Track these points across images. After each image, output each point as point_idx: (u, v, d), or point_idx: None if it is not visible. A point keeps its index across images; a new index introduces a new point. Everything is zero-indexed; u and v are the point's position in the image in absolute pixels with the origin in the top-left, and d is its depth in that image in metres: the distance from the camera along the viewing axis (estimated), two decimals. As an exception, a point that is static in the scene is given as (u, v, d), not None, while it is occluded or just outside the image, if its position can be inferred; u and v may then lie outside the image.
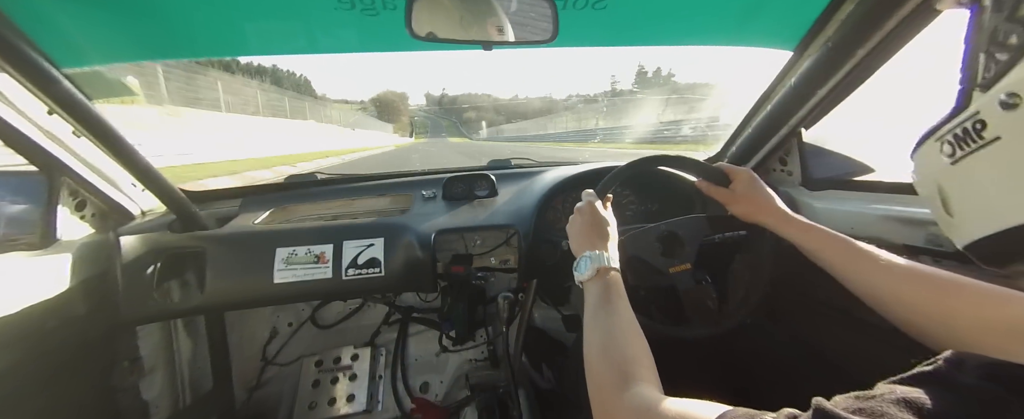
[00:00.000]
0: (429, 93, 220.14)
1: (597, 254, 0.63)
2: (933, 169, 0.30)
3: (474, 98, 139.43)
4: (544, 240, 1.04)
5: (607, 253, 0.63)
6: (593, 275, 0.61)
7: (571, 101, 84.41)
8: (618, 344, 0.50)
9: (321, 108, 29.87)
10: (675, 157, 0.80)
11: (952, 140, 0.27)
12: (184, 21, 0.77)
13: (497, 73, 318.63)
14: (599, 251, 0.63)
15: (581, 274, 0.63)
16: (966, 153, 0.26)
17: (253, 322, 1.41)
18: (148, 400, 1.03)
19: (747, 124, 1.13)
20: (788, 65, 0.95)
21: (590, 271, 0.61)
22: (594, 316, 0.56)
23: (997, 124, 0.24)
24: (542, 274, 1.05)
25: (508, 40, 0.80)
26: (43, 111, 0.74)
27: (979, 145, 0.25)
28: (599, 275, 0.61)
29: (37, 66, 0.66)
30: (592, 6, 0.81)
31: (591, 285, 0.61)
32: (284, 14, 0.80)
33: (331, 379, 1.38)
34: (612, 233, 0.69)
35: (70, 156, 0.81)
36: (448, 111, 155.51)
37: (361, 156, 18.08)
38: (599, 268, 0.61)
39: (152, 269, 0.91)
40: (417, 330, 1.48)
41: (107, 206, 0.93)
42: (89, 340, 0.89)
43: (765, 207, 0.72)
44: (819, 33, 0.84)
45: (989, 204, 0.26)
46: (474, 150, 23.40)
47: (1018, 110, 0.23)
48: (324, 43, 0.89)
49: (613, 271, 0.61)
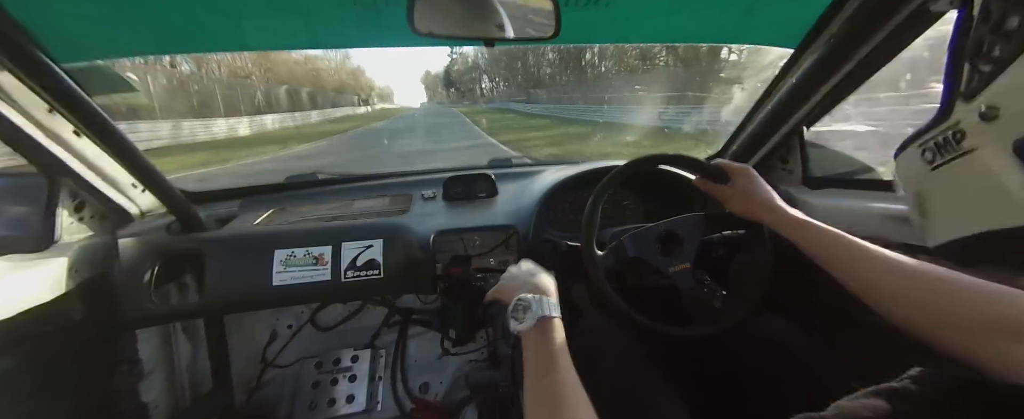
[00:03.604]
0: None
1: (537, 299, 0.56)
2: (914, 173, 0.31)
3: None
4: (544, 240, 1.03)
5: (549, 298, 0.57)
6: (533, 325, 0.54)
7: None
8: (564, 408, 0.45)
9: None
10: (673, 156, 0.79)
11: (933, 147, 0.28)
12: (184, 16, 0.77)
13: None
14: (540, 296, 0.57)
15: (520, 324, 0.55)
16: (945, 161, 0.27)
17: (253, 324, 1.40)
18: (147, 402, 1.03)
19: (748, 122, 1.13)
20: (789, 63, 0.95)
21: (531, 321, 0.54)
22: (536, 379, 0.49)
23: (975, 135, 0.25)
24: None
25: (510, 37, 0.79)
26: (43, 110, 0.74)
27: (957, 154, 0.27)
28: (540, 327, 0.54)
29: (37, 62, 0.66)
30: (595, 3, 0.81)
31: (531, 337, 0.53)
32: (285, 9, 0.79)
33: (331, 380, 1.38)
34: (551, 283, 0.63)
35: (70, 156, 0.80)
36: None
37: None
38: (541, 317, 0.54)
39: (151, 271, 0.90)
40: (417, 332, 1.48)
41: (106, 207, 0.92)
42: (88, 343, 0.88)
43: (763, 204, 0.71)
44: (821, 32, 0.84)
45: (962, 210, 0.27)
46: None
47: (996, 122, 0.24)
48: (325, 38, 0.89)
49: (556, 320, 0.55)
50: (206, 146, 12.76)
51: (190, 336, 1.19)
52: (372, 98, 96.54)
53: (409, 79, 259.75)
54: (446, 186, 1.21)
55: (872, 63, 0.80)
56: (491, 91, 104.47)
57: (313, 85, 59.47)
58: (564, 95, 30.83)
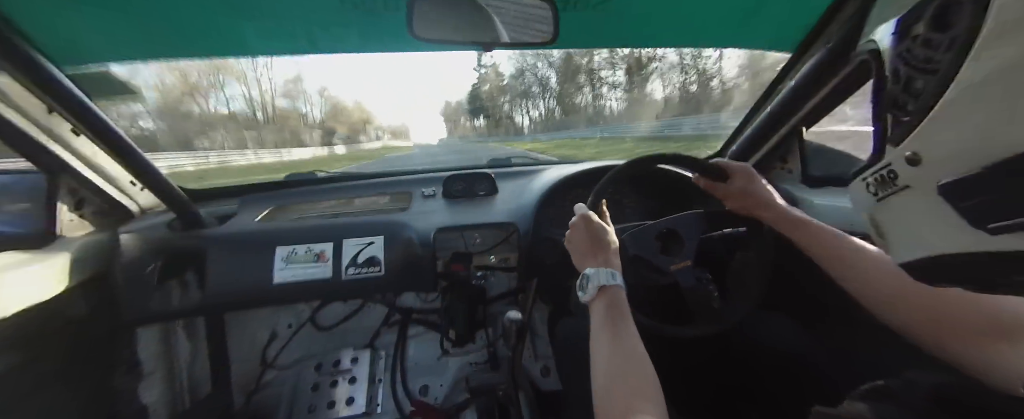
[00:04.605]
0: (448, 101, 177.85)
1: (599, 272, 0.60)
2: (863, 203, 0.34)
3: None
4: (544, 238, 1.04)
5: (610, 268, 0.61)
6: (595, 294, 0.59)
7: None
8: (622, 376, 0.49)
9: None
10: (672, 155, 0.80)
11: (874, 182, 0.31)
12: (184, 20, 0.77)
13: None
14: (601, 268, 0.61)
15: (584, 294, 0.60)
16: (887, 194, 0.30)
17: (253, 324, 1.40)
18: (147, 404, 1.02)
19: (748, 123, 1.13)
20: (788, 66, 0.96)
21: (593, 291, 0.59)
22: (597, 341, 0.54)
23: (905, 177, 0.28)
24: (542, 273, 1.05)
25: (508, 41, 0.80)
26: (42, 110, 0.74)
27: (895, 190, 0.29)
28: (602, 295, 0.58)
29: (37, 65, 0.66)
30: (593, 7, 0.82)
31: (594, 306, 0.59)
32: (285, 14, 0.80)
33: (330, 382, 1.37)
34: (612, 241, 0.67)
35: (69, 154, 0.81)
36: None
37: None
38: (602, 286, 0.59)
39: (152, 268, 0.90)
40: (417, 332, 1.48)
41: (107, 205, 0.92)
42: (88, 341, 0.88)
43: (761, 201, 0.72)
44: (819, 35, 0.84)
45: (909, 235, 0.30)
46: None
47: (921, 166, 0.26)
48: (324, 43, 0.89)
49: (616, 288, 0.59)
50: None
51: (190, 336, 1.18)
52: (380, 134, 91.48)
53: (429, 112, 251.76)
54: (446, 184, 1.21)
55: (869, 65, 0.81)
56: (532, 117, 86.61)
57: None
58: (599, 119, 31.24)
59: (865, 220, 0.35)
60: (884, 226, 0.33)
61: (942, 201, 0.25)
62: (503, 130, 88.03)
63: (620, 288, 0.60)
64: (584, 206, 0.72)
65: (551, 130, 51.50)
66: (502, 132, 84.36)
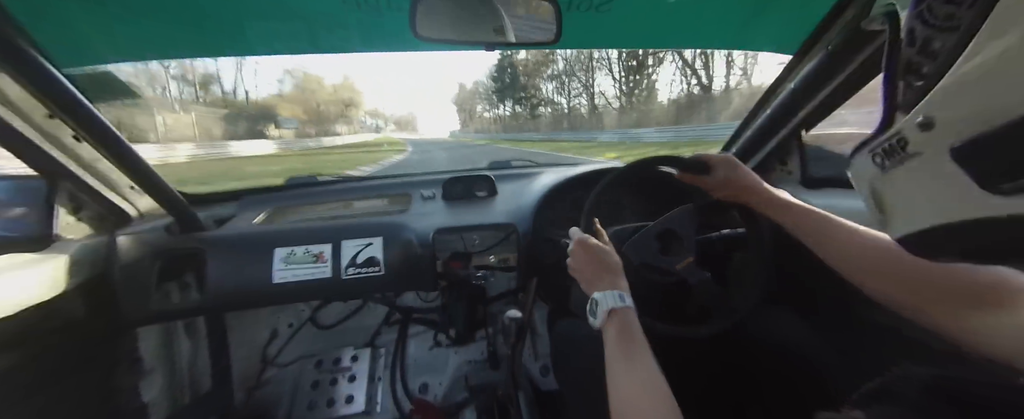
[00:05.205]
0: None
1: (607, 295, 0.59)
2: (867, 175, 0.34)
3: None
4: (543, 239, 1.04)
5: (617, 290, 0.60)
6: (606, 319, 0.57)
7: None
8: (637, 401, 0.48)
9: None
10: (652, 159, 0.80)
11: (882, 153, 0.31)
12: (186, 21, 0.77)
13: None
14: (608, 290, 0.60)
15: (595, 320, 0.59)
16: (894, 165, 0.30)
17: (253, 323, 1.40)
18: (147, 401, 1.03)
19: (748, 125, 1.14)
20: (788, 69, 0.96)
21: (602, 315, 0.58)
22: (613, 369, 0.53)
23: (916, 142, 0.28)
24: (541, 273, 1.05)
25: (511, 41, 0.80)
26: (42, 114, 0.74)
27: (904, 158, 0.29)
28: (613, 319, 0.57)
29: (37, 66, 0.66)
30: (596, 8, 0.82)
31: (606, 332, 0.57)
32: (287, 13, 0.80)
33: (330, 380, 1.38)
34: (614, 261, 0.66)
35: (68, 159, 0.80)
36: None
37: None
38: (611, 309, 0.57)
39: (151, 271, 0.90)
40: (417, 331, 1.48)
41: (105, 209, 0.92)
42: (88, 342, 0.88)
43: (747, 187, 0.72)
44: (820, 39, 0.84)
45: (915, 206, 0.30)
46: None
47: (934, 130, 0.26)
48: (327, 43, 0.89)
49: (626, 310, 0.58)
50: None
51: (191, 335, 1.19)
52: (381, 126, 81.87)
53: (441, 101, 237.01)
54: (446, 186, 1.21)
55: (869, 70, 0.81)
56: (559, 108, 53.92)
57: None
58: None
59: (865, 194, 0.35)
60: (887, 197, 0.32)
61: (954, 165, 0.25)
62: (543, 122, 57.84)
63: (630, 309, 0.59)
64: (578, 230, 0.72)
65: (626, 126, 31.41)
66: (543, 124, 56.14)
